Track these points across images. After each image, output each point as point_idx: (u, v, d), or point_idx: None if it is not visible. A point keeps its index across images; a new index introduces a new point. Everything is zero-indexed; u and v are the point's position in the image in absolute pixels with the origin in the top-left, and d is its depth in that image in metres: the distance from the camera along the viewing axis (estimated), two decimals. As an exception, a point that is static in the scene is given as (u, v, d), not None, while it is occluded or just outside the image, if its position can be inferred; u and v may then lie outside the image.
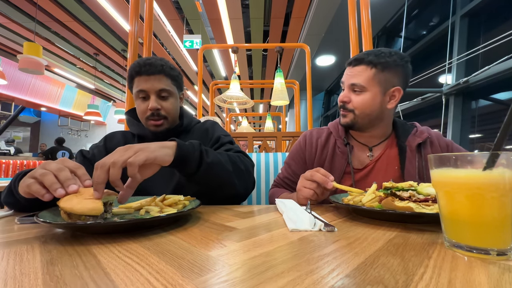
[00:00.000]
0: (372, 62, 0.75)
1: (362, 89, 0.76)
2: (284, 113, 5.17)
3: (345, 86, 0.80)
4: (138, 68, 0.80)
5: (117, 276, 0.25)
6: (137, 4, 1.61)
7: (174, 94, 0.85)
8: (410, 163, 0.75)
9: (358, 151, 0.84)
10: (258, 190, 1.20)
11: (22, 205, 0.56)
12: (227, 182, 0.67)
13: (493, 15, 2.74)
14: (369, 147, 0.83)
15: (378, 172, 0.79)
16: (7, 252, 0.33)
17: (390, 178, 0.74)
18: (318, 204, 0.69)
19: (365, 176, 0.80)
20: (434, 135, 0.81)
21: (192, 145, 0.61)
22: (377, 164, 0.80)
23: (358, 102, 0.77)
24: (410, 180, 0.71)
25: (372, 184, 0.61)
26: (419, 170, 0.74)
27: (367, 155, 0.82)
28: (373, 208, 0.49)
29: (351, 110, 0.78)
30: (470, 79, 2.72)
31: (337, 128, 0.87)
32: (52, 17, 4.51)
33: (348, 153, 0.81)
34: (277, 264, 0.28)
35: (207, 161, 0.61)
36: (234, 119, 8.47)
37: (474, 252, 0.30)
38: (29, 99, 6.14)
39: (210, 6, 4.26)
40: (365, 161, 0.82)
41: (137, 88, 0.81)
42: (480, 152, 0.30)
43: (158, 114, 0.81)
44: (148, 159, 0.49)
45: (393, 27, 4.55)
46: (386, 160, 0.80)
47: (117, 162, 0.45)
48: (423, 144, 0.78)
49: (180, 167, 0.59)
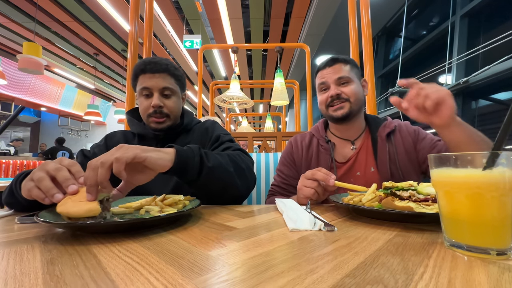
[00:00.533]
0: (346, 60, 0.88)
1: (348, 80, 0.86)
2: (284, 113, 5.17)
3: (331, 83, 0.87)
4: (143, 66, 0.81)
5: (117, 276, 0.25)
6: (137, 4, 1.61)
7: (177, 93, 0.86)
8: (382, 151, 0.84)
9: (340, 147, 0.91)
10: (258, 190, 1.20)
11: (23, 205, 0.56)
12: (229, 184, 0.66)
13: (493, 15, 2.74)
14: (352, 140, 0.91)
15: (360, 163, 0.86)
16: (7, 252, 0.33)
17: (371, 167, 0.83)
18: (318, 204, 0.69)
19: (349, 168, 0.86)
20: (403, 124, 0.90)
21: (191, 150, 0.59)
22: (358, 155, 0.87)
23: (350, 90, 0.85)
24: (383, 166, 0.81)
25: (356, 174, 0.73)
26: (390, 156, 0.82)
27: (350, 148, 0.90)
28: (373, 208, 0.49)
29: (347, 99, 0.85)
30: (470, 79, 2.72)
31: (318, 129, 0.96)
32: (52, 17, 4.52)
33: (330, 150, 0.89)
34: (277, 263, 0.28)
35: (208, 166, 0.60)
36: (234, 119, 8.47)
37: (474, 251, 0.30)
38: (29, 99, 6.14)
39: (210, 6, 4.26)
40: (348, 154, 0.89)
41: (141, 86, 0.82)
42: (480, 152, 0.30)
43: (161, 112, 0.82)
44: (136, 157, 0.46)
45: (393, 27, 4.55)
46: (365, 150, 0.87)
47: (106, 162, 0.43)
48: (393, 132, 0.86)
49: (180, 174, 0.57)
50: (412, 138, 0.85)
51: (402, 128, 0.88)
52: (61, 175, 0.44)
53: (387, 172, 0.80)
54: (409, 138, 0.85)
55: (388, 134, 0.86)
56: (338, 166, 0.87)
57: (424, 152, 0.82)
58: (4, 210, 0.61)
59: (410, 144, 0.84)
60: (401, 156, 0.82)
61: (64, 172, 0.45)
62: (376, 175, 0.82)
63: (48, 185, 0.43)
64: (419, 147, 0.83)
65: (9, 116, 6.37)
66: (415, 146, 0.84)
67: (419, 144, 0.84)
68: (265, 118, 5.06)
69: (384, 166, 0.81)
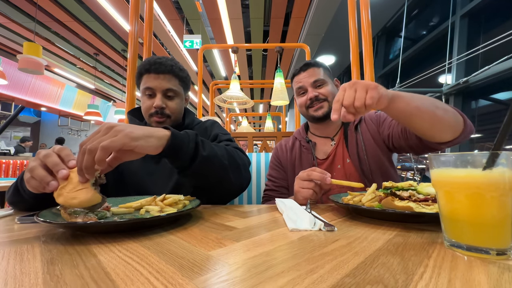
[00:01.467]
0: (317, 64, 0.95)
1: (323, 82, 0.93)
2: (284, 113, 5.17)
3: (308, 86, 0.94)
4: (148, 66, 0.81)
5: (117, 276, 0.25)
6: (137, 4, 1.61)
7: (180, 94, 0.86)
8: (351, 143, 0.90)
9: (320, 144, 0.98)
10: (258, 190, 1.20)
11: (29, 203, 0.56)
12: (222, 177, 0.65)
13: (493, 15, 2.74)
14: (331, 137, 0.97)
15: (339, 157, 0.92)
16: (7, 252, 0.33)
17: (346, 159, 0.90)
18: (318, 204, 0.69)
19: (330, 163, 0.92)
20: (367, 114, 0.96)
21: (187, 136, 0.57)
22: (337, 150, 0.93)
23: (326, 91, 0.93)
24: (354, 155, 0.86)
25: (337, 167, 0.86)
26: (357, 144, 0.89)
27: (330, 144, 0.96)
28: (373, 207, 0.49)
29: (325, 99, 0.93)
30: (470, 79, 2.72)
31: (299, 132, 1.05)
32: (52, 17, 4.51)
33: (311, 148, 0.95)
34: (277, 263, 0.28)
35: (202, 154, 0.58)
36: (234, 119, 8.46)
37: (474, 251, 0.30)
38: (29, 99, 6.14)
39: (210, 6, 4.26)
40: (328, 150, 0.95)
41: (145, 85, 0.81)
42: (480, 152, 0.30)
43: (162, 113, 0.82)
44: (125, 145, 0.45)
45: (393, 27, 4.55)
46: (341, 145, 0.93)
47: (93, 148, 0.42)
48: (359, 123, 0.93)
49: (172, 159, 0.56)
50: (375, 123, 0.92)
51: (366, 117, 0.95)
52: (50, 161, 0.44)
53: (357, 160, 0.86)
54: (372, 124, 0.92)
55: (356, 125, 0.93)
56: (320, 162, 0.94)
57: (384, 130, 0.86)
58: (4, 210, 0.61)
59: (375, 130, 0.90)
60: (367, 142, 0.88)
61: (53, 158, 0.45)
62: (351, 165, 0.88)
63: (41, 173, 0.44)
64: (381, 129, 0.88)
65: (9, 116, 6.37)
66: (378, 129, 0.90)
67: (381, 126, 0.89)
68: (265, 118, 5.06)
69: (354, 155, 0.88)
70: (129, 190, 0.79)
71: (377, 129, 0.90)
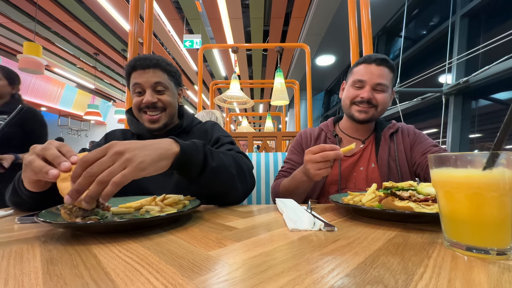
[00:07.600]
0: (392, 67, 0.88)
1: (384, 89, 0.87)
2: (284, 113, 5.17)
3: (368, 84, 0.86)
4: (134, 63, 0.80)
5: (117, 276, 0.25)
6: (137, 4, 1.61)
7: (170, 89, 0.84)
8: (383, 149, 0.89)
9: (347, 142, 0.96)
10: (258, 190, 1.20)
11: (28, 203, 0.56)
12: (230, 187, 0.64)
13: (493, 15, 2.74)
14: (362, 140, 0.95)
15: (364, 159, 0.91)
16: (7, 252, 0.33)
17: (372, 163, 0.89)
18: (318, 204, 0.69)
19: (354, 162, 0.91)
20: (405, 126, 0.96)
21: (196, 147, 0.56)
22: (364, 152, 0.92)
23: (381, 99, 0.87)
24: (382, 162, 0.86)
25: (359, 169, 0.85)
26: (390, 152, 0.88)
27: (360, 146, 0.94)
28: (373, 207, 0.49)
29: (375, 106, 0.87)
30: (470, 79, 2.72)
31: (327, 125, 1.02)
32: (52, 17, 4.51)
33: (337, 143, 0.94)
34: (277, 263, 0.28)
35: (212, 165, 0.57)
36: (234, 119, 8.46)
37: (474, 251, 0.30)
38: (29, 99, 6.13)
39: (210, 6, 4.26)
40: (354, 150, 0.93)
41: (133, 82, 0.80)
42: (480, 152, 0.30)
43: (155, 107, 0.80)
44: (135, 178, 0.43)
45: (393, 27, 4.55)
46: (370, 148, 0.93)
47: (103, 181, 0.39)
48: (395, 133, 0.92)
49: (181, 172, 0.55)
50: (411, 139, 0.91)
51: (404, 129, 0.94)
52: (50, 154, 0.44)
53: (385, 167, 0.86)
54: (408, 139, 0.91)
55: (391, 134, 0.92)
56: (343, 159, 0.92)
57: (415, 156, 0.87)
58: (4, 210, 0.61)
59: (408, 145, 0.90)
60: (400, 153, 0.88)
61: (53, 151, 0.44)
62: (376, 171, 0.87)
63: (39, 164, 0.43)
64: (414, 150, 0.88)
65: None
66: (411, 147, 0.89)
67: (415, 146, 0.89)
68: (265, 118, 5.06)
69: (383, 162, 0.87)
70: (129, 190, 0.79)
71: (411, 146, 0.89)
